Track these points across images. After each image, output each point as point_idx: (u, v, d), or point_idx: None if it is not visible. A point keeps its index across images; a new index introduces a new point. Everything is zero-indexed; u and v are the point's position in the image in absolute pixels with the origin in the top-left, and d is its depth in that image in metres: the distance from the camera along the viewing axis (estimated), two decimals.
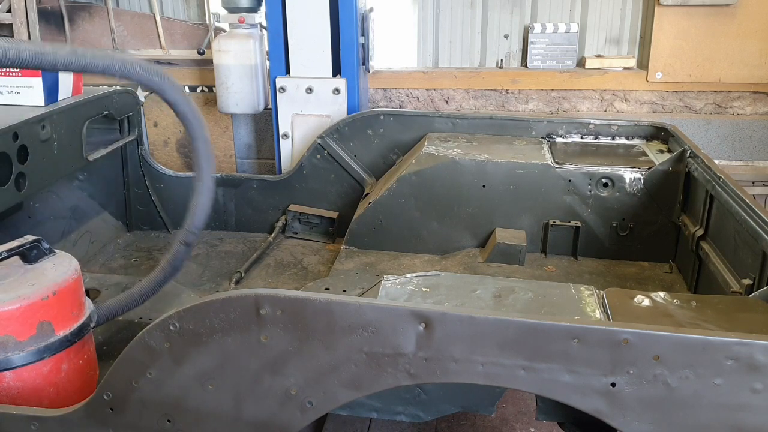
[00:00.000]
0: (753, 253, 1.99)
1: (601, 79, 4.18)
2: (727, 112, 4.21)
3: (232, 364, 1.55)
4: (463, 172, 2.78)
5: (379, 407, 1.84)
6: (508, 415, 2.82)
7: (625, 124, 3.10)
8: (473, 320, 1.43)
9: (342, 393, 1.54)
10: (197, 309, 1.53)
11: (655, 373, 1.39)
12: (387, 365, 1.49)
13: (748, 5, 3.97)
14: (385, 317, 1.46)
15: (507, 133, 3.12)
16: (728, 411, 1.40)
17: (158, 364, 1.56)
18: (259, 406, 1.59)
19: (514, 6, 4.27)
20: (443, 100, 4.34)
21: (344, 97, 3.36)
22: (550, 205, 2.79)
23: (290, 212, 3.24)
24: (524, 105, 4.30)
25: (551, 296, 1.75)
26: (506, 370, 1.45)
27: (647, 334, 1.38)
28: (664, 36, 4.05)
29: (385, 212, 2.88)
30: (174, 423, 1.63)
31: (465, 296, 1.73)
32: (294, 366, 1.53)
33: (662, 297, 1.74)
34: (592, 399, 1.44)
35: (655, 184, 2.71)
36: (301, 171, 3.23)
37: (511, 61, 4.38)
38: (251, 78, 3.74)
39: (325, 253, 3.11)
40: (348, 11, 3.29)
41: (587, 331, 1.40)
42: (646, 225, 2.76)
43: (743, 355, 1.35)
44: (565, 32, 4.20)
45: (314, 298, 1.48)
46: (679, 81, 4.13)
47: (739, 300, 1.91)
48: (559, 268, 2.75)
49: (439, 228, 2.86)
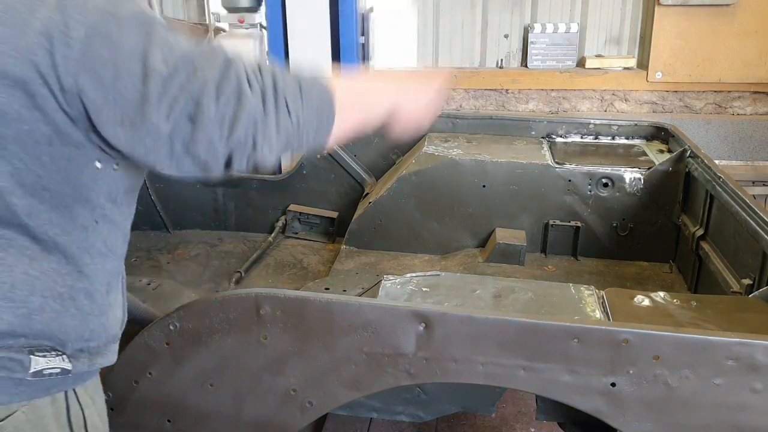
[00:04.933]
0: (753, 253, 1.99)
1: (601, 79, 4.18)
2: (727, 112, 4.21)
3: (232, 364, 1.55)
4: (463, 172, 2.78)
5: (379, 407, 1.84)
6: (508, 415, 2.82)
7: (625, 124, 3.10)
8: (473, 320, 1.43)
9: (342, 393, 1.54)
10: (197, 309, 1.53)
11: (655, 373, 1.39)
12: (387, 365, 1.49)
13: (748, 5, 3.97)
14: (385, 317, 1.46)
15: (507, 133, 3.12)
16: (728, 411, 1.40)
17: (158, 363, 1.56)
18: (259, 406, 1.59)
19: (514, 6, 4.27)
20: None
21: None
22: (550, 205, 2.79)
23: (290, 212, 3.24)
24: (524, 105, 4.30)
25: (551, 296, 1.75)
26: (506, 370, 1.45)
27: (647, 334, 1.38)
28: (664, 36, 4.05)
29: (385, 212, 2.88)
30: (174, 423, 1.64)
31: (465, 296, 1.73)
32: (294, 366, 1.53)
33: (662, 297, 1.74)
34: (592, 399, 1.44)
35: (655, 184, 2.70)
36: (301, 171, 3.22)
37: (511, 61, 4.38)
38: None
39: (325, 253, 3.10)
40: (348, 11, 3.29)
41: (587, 331, 1.40)
42: (646, 225, 2.76)
43: (743, 355, 1.35)
44: (565, 32, 4.20)
45: (314, 298, 1.48)
46: (679, 81, 4.13)
47: (739, 300, 1.91)
48: (559, 268, 2.74)
49: (439, 228, 2.86)
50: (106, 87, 1.02)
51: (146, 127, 1.04)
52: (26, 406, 1.12)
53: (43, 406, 1.14)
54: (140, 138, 1.06)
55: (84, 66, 1.01)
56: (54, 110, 1.02)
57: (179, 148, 1.07)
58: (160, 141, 1.06)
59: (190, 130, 1.05)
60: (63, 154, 1.06)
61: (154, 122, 1.04)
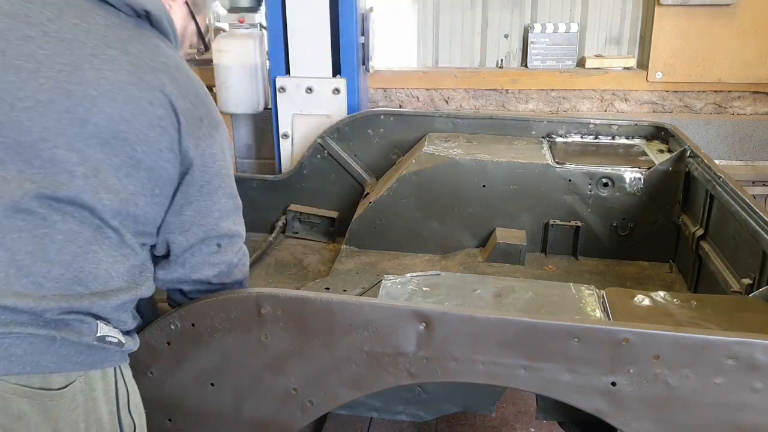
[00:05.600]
0: (753, 253, 1.99)
1: (601, 79, 4.17)
2: (727, 112, 4.21)
3: (232, 364, 1.56)
4: (464, 171, 2.78)
5: (379, 407, 1.85)
6: (508, 415, 2.82)
7: (625, 123, 3.10)
8: (474, 320, 1.43)
9: (342, 392, 1.55)
10: (198, 308, 1.53)
11: (655, 373, 1.39)
12: (387, 364, 1.49)
13: (748, 5, 3.96)
14: (386, 316, 1.46)
15: (507, 132, 3.12)
16: (728, 410, 1.40)
17: (159, 363, 1.56)
18: (259, 405, 1.59)
19: (514, 6, 4.27)
20: (443, 100, 4.34)
21: (344, 97, 3.36)
22: (550, 204, 2.79)
23: (290, 212, 3.24)
24: (524, 105, 4.30)
25: (551, 296, 1.75)
26: (507, 369, 1.45)
27: (647, 334, 1.38)
28: (664, 36, 4.05)
29: (385, 212, 2.88)
30: (175, 422, 1.64)
31: (465, 296, 1.73)
32: (294, 365, 1.53)
33: (662, 296, 1.74)
34: (592, 398, 1.44)
35: (656, 184, 2.71)
36: (302, 171, 3.23)
37: (511, 61, 4.38)
38: (251, 78, 3.73)
39: (326, 253, 3.11)
40: (348, 11, 3.29)
41: (588, 331, 1.40)
42: (646, 225, 2.76)
43: (743, 355, 1.35)
44: (565, 32, 4.20)
45: (315, 298, 1.49)
46: (679, 81, 4.13)
47: (739, 299, 1.91)
48: (559, 268, 2.75)
49: (440, 228, 2.86)
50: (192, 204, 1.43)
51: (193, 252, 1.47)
52: (83, 376, 1.26)
53: (95, 379, 1.28)
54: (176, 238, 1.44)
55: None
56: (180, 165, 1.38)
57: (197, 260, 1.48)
58: (186, 251, 1.46)
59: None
60: (166, 197, 1.38)
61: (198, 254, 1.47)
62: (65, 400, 1.24)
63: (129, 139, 1.27)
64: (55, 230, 1.22)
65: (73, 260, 1.24)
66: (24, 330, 1.18)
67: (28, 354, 1.19)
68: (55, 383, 1.22)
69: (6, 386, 1.18)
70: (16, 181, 1.21)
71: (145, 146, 1.29)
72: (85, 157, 1.24)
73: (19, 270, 1.19)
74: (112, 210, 1.27)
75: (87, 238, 1.26)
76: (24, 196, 1.20)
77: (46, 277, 1.21)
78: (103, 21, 1.31)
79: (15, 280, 1.19)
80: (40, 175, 1.22)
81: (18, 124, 1.22)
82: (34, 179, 1.21)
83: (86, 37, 1.28)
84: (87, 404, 1.27)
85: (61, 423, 1.23)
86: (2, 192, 1.20)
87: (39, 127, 1.22)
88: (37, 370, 1.20)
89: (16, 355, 1.18)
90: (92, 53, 1.27)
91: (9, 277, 1.18)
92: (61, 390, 1.23)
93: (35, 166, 1.22)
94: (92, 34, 1.29)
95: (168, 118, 1.31)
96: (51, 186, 1.22)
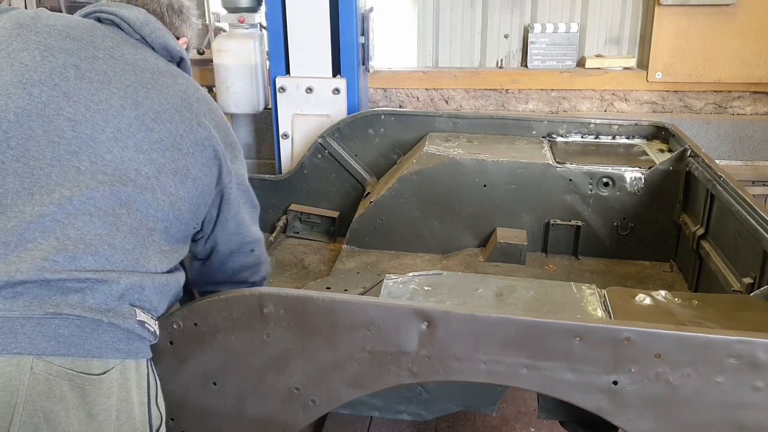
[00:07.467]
0: (753, 252, 2.00)
1: (601, 79, 4.18)
2: (727, 112, 4.21)
3: (235, 363, 1.56)
4: (464, 171, 2.79)
5: (381, 406, 1.85)
6: (508, 415, 2.82)
7: (626, 123, 3.11)
8: (475, 319, 1.43)
9: (345, 391, 1.55)
10: (200, 307, 1.53)
11: (656, 371, 1.40)
12: (389, 363, 1.50)
13: (748, 5, 3.97)
14: (388, 316, 1.46)
15: (507, 132, 3.12)
16: (730, 409, 1.40)
17: (161, 362, 1.56)
18: (262, 404, 1.59)
19: (514, 6, 4.28)
20: (443, 100, 4.34)
21: (344, 97, 3.36)
22: (550, 204, 2.79)
23: (291, 212, 3.24)
24: (524, 105, 4.30)
25: (553, 295, 1.76)
26: (508, 368, 1.46)
27: (649, 333, 1.38)
28: (664, 36, 4.05)
29: (386, 212, 2.88)
30: (177, 421, 1.64)
31: (467, 295, 1.73)
32: (297, 364, 1.54)
33: (663, 296, 1.74)
34: (594, 397, 1.44)
35: (656, 184, 2.71)
36: (302, 171, 3.23)
37: (511, 61, 4.38)
38: (251, 78, 3.74)
39: (326, 253, 3.11)
40: (348, 11, 3.29)
41: (589, 330, 1.40)
42: (646, 224, 2.77)
43: (744, 353, 1.35)
44: (565, 32, 4.21)
45: (317, 297, 1.49)
46: (679, 81, 4.13)
47: (739, 299, 1.92)
48: (560, 267, 2.75)
49: (440, 227, 2.86)
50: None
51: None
52: (120, 365, 1.31)
53: (130, 369, 1.33)
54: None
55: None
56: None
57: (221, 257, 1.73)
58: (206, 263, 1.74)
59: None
60: (203, 207, 1.58)
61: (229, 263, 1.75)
62: (103, 387, 1.27)
63: (182, 150, 1.47)
64: (120, 222, 1.35)
65: (133, 250, 1.35)
66: (73, 311, 1.23)
67: (75, 336, 1.24)
68: (96, 368, 1.27)
69: (52, 368, 1.21)
70: (90, 173, 1.33)
71: (192, 159, 1.49)
72: (150, 159, 1.41)
73: (87, 247, 1.28)
74: (164, 211, 1.43)
75: (143, 235, 1.39)
76: (98, 186, 1.33)
77: (110, 260, 1.31)
78: (152, 56, 1.55)
79: (83, 256, 1.27)
80: (111, 168, 1.36)
81: (93, 123, 1.37)
82: (106, 171, 1.35)
83: (144, 65, 1.51)
84: (120, 393, 1.31)
85: (95, 409, 1.27)
86: (78, 180, 1.32)
87: (112, 128, 1.39)
88: (81, 353, 1.24)
89: (63, 336, 1.22)
90: (152, 78, 1.49)
91: (78, 252, 1.27)
92: (101, 375, 1.27)
93: (107, 160, 1.36)
94: (149, 63, 1.52)
95: (209, 140, 1.54)
96: (121, 180, 1.36)
